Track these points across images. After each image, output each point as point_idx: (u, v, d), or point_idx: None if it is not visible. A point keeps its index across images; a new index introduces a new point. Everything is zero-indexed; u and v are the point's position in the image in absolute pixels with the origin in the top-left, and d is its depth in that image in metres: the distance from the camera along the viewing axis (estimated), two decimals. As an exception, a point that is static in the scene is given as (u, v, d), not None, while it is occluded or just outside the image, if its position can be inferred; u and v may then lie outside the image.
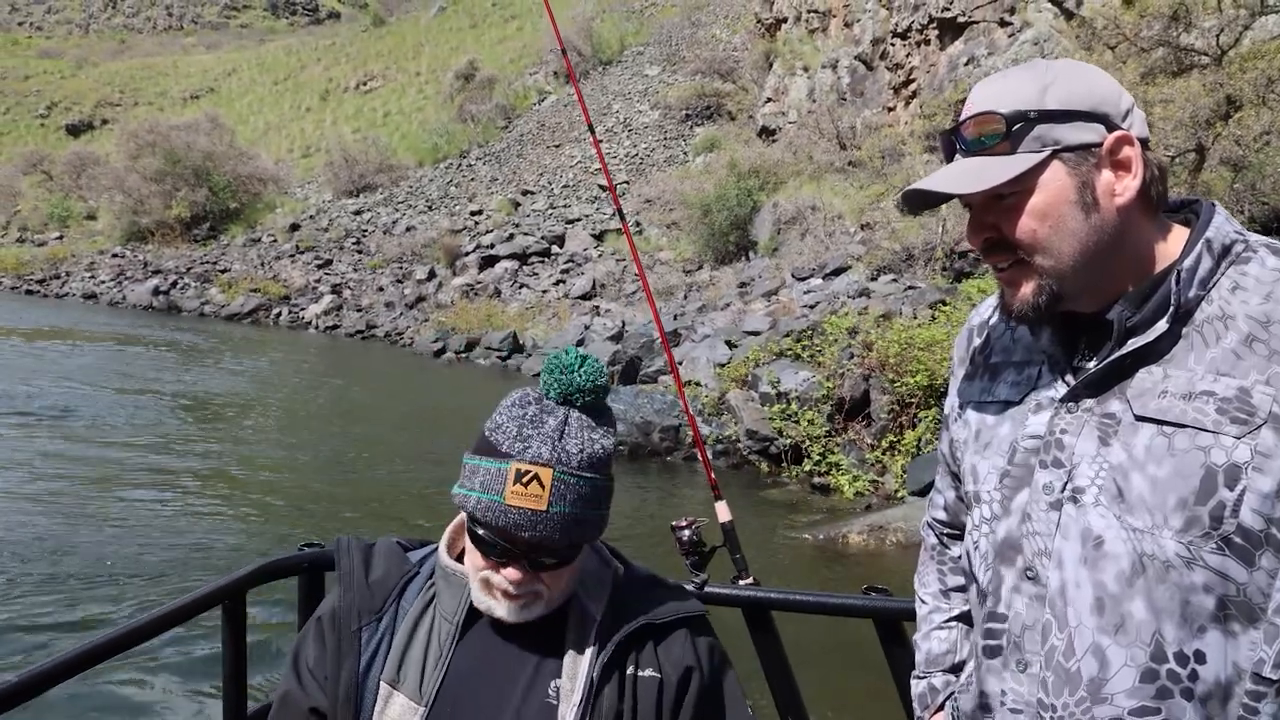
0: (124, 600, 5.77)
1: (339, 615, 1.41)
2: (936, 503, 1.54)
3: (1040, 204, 1.14)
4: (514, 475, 1.31)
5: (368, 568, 1.46)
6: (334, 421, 12.16)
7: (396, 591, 1.43)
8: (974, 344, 1.38)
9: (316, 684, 1.40)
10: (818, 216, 18.20)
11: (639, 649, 1.39)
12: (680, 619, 1.43)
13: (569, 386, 1.37)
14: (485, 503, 1.32)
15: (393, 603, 1.42)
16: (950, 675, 1.47)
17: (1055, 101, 1.13)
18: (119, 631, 1.66)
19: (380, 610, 1.41)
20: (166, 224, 31.95)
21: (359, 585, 1.43)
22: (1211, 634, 1.08)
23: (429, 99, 44.76)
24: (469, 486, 1.36)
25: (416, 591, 1.44)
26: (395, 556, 1.49)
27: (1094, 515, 1.13)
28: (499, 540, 1.33)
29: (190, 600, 1.81)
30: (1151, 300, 1.15)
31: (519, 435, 1.34)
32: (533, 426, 1.35)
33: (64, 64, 64.11)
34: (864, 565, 6.78)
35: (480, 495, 1.33)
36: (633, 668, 1.38)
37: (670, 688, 1.38)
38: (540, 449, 1.33)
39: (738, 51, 32.65)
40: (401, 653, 1.39)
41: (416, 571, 1.47)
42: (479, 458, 1.36)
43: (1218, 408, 1.08)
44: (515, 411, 1.37)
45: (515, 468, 1.31)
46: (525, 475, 1.31)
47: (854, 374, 9.41)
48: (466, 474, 1.37)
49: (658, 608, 1.42)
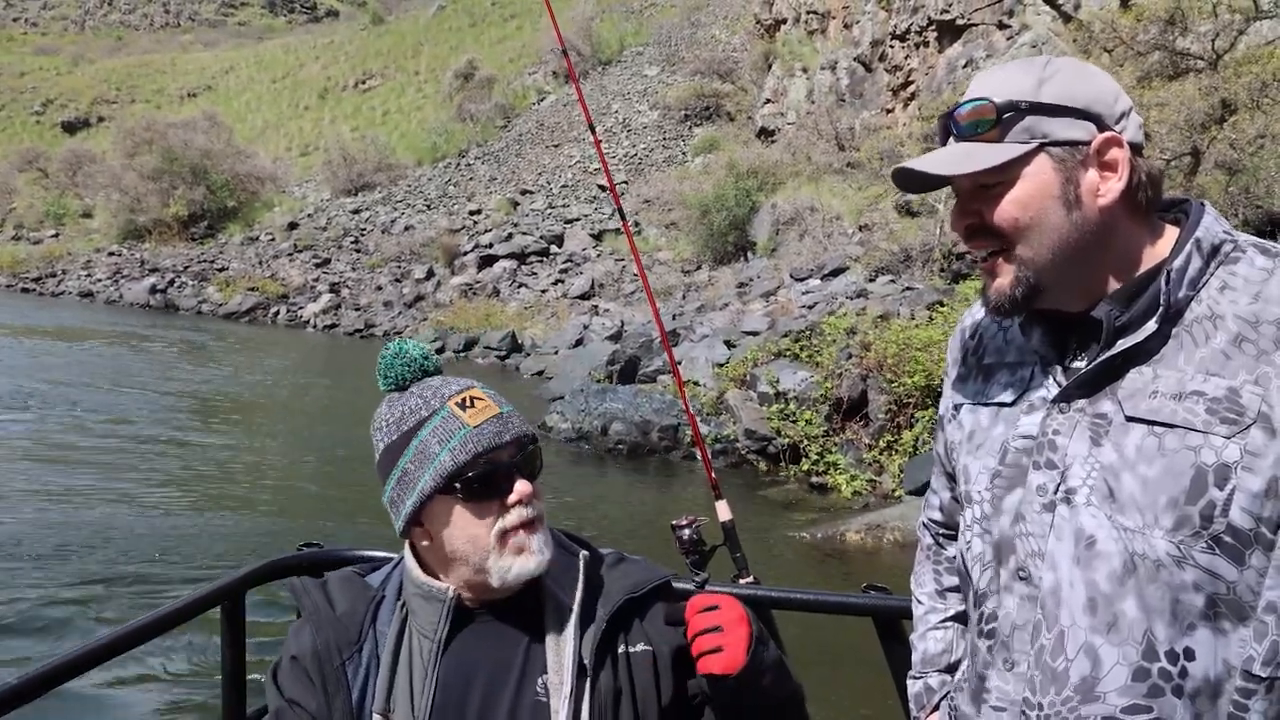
0: (121, 602, 5.76)
1: (319, 654, 1.36)
2: (932, 503, 1.55)
3: (1022, 194, 1.15)
4: (457, 406, 1.33)
5: (331, 602, 1.42)
6: (332, 421, 12.15)
7: (369, 618, 1.40)
8: (967, 345, 1.39)
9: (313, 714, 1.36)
10: (816, 217, 18.22)
11: (625, 626, 1.39)
12: (656, 588, 1.44)
13: (414, 363, 1.40)
14: (457, 444, 1.31)
15: (368, 630, 1.39)
16: (946, 675, 1.47)
17: (1049, 96, 1.14)
18: (119, 633, 1.66)
19: (358, 640, 1.38)
20: (164, 222, 31.90)
21: (328, 620, 1.39)
22: (1201, 632, 1.09)
23: (428, 98, 44.72)
24: (428, 464, 1.32)
25: (389, 614, 1.40)
26: (355, 585, 1.45)
27: (1086, 515, 1.14)
28: (492, 464, 1.32)
29: (189, 601, 1.81)
30: (1140, 300, 1.15)
31: (423, 400, 1.36)
32: (424, 391, 1.38)
33: (60, 61, 63.96)
34: (861, 564, 6.80)
35: (448, 446, 1.31)
36: (623, 646, 1.38)
37: (664, 658, 1.38)
38: (449, 386, 1.37)
39: (737, 52, 32.64)
40: (389, 680, 1.35)
41: (382, 595, 1.43)
42: (410, 445, 1.34)
43: (1207, 408, 1.08)
44: (397, 403, 1.38)
45: (451, 403, 1.34)
46: (464, 400, 1.34)
47: (852, 374, 9.43)
48: (413, 470, 1.33)
49: (632, 581, 1.42)
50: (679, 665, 1.39)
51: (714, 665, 1.32)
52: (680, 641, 1.40)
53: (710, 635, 1.34)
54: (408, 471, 1.34)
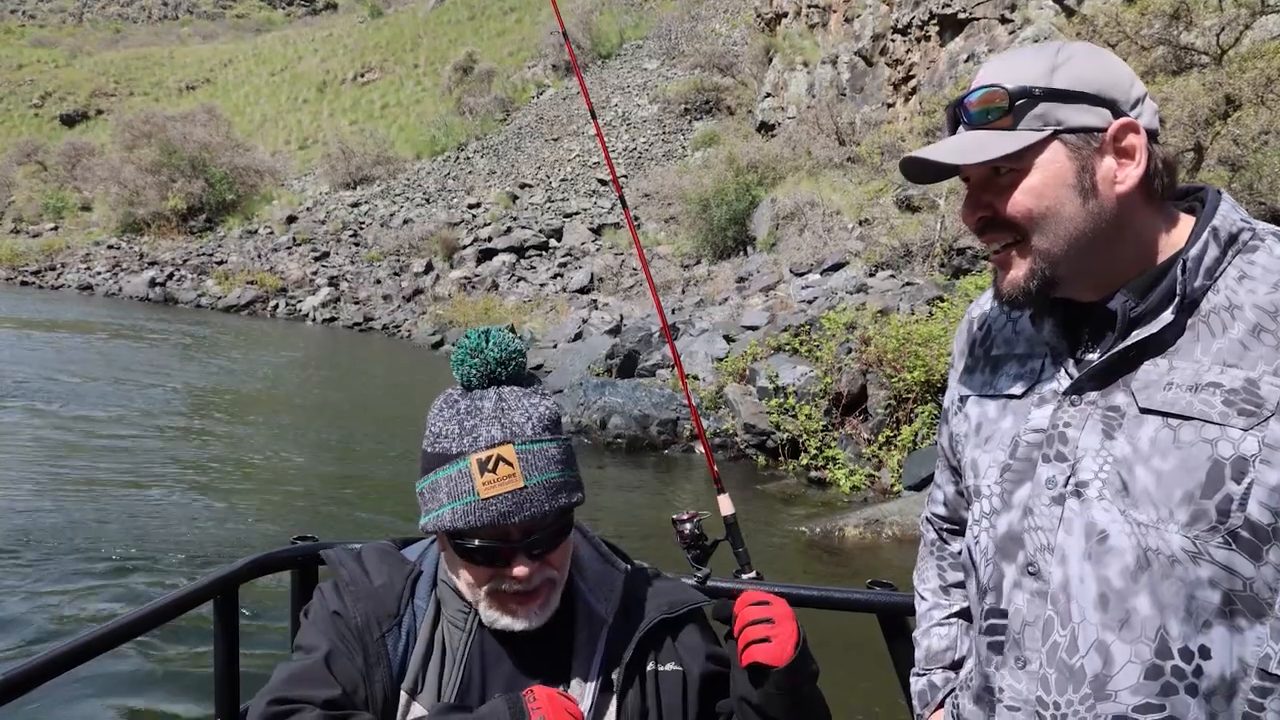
0: (114, 595, 5.73)
1: (359, 625, 1.33)
2: (936, 497, 1.52)
3: (1036, 184, 1.12)
4: (477, 467, 1.23)
5: (368, 574, 1.39)
6: (330, 414, 12.14)
7: (408, 593, 1.37)
8: (974, 336, 1.36)
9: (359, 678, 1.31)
10: (816, 212, 18.18)
11: (657, 645, 1.38)
12: (691, 610, 1.42)
13: (485, 365, 1.31)
14: (461, 509, 1.24)
15: (407, 604, 1.36)
16: (950, 672, 1.45)
17: (1063, 81, 1.11)
18: (111, 626, 1.64)
19: (398, 613, 1.35)
20: (163, 216, 31.86)
21: (366, 592, 1.36)
22: (1217, 629, 1.06)
23: (427, 91, 44.65)
24: (436, 505, 1.27)
25: (427, 590, 1.38)
26: (392, 558, 1.42)
27: (1098, 510, 1.11)
28: (492, 542, 1.26)
29: (182, 594, 1.79)
30: (1156, 290, 1.13)
31: (462, 430, 1.26)
32: (471, 417, 1.27)
33: (58, 53, 63.82)
34: (860, 558, 6.79)
35: (453, 505, 1.25)
36: (653, 664, 1.36)
37: (694, 680, 1.37)
38: (490, 431, 1.26)
39: (737, 46, 32.59)
40: (423, 659, 1.34)
41: (420, 570, 1.40)
42: (432, 474, 1.28)
43: (1224, 399, 1.06)
44: (447, 413, 1.30)
45: (475, 459, 1.24)
46: (488, 461, 1.23)
47: (852, 369, 9.41)
48: (427, 498, 1.29)
49: (668, 601, 1.41)
50: (708, 688, 1.38)
51: (762, 654, 1.31)
52: (711, 666, 1.39)
53: (759, 626, 1.33)
54: (424, 495, 1.31)
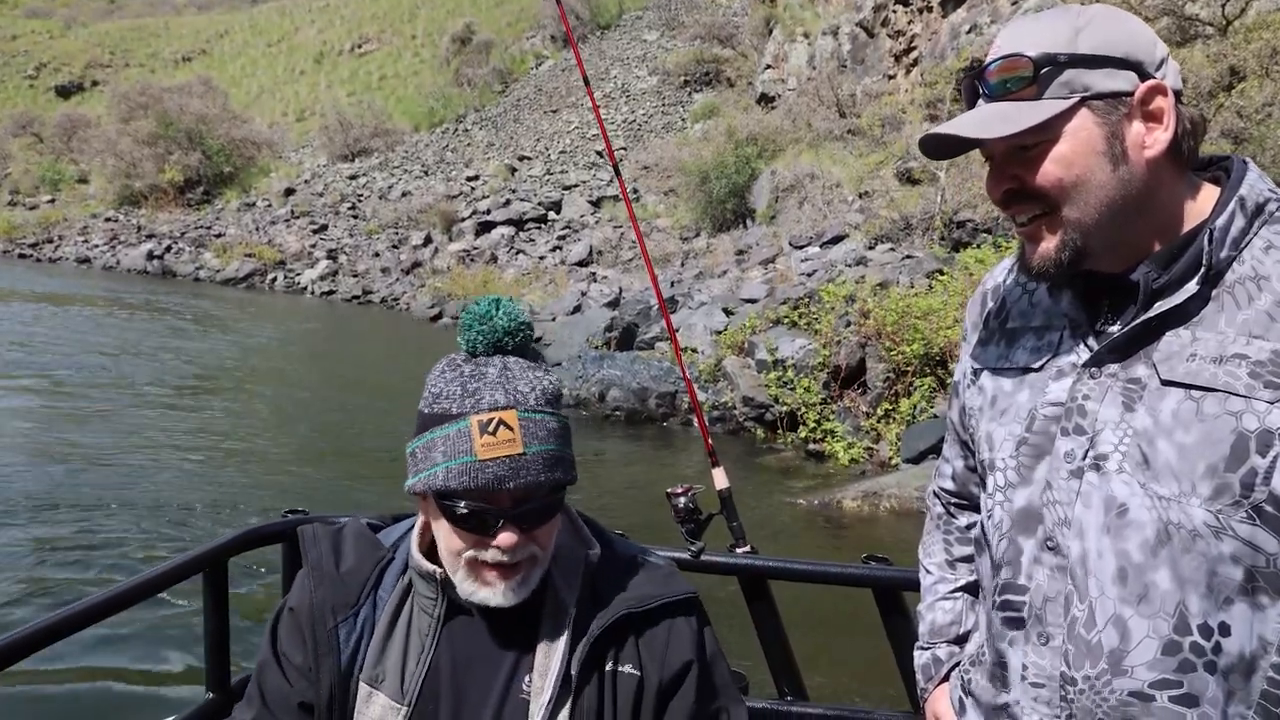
0: (104, 566, 5.72)
1: (314, 611, 1.31)
2: (944, 471, 1.50)
3: (1065, 153, 1.09)
4: (477, 428, 1.21)
5: (338, 556, 1.35)
6: (328, 387, 12.12)
7: (372, 582, 1.34)
8: (988, 308, 1.33)
9: (303, 679, 1.32)
10: (816, 185, 18.07)
11: (619, 642, 1.30)
12: (663, 605, 1.32)
13: (493, 333, 1.29)
14: (456, 469, 1.21)
15: (369, 594, 1.33)
16: (954, 646, 1.43)
17: (1087, 46, 1.08)
18: (98, 598, 1.62)
19: (356, 604, 1.32)
20: (160, 188, 31.66)
21: (330, 579, 1.33)
22: (1238, 606, 1.04)
23: (425, 62, 44.24)
24: (429, 465, 1.24)
25: (394, 578, 1.34)
26: (366, 542, 1.38)
27: (1117, 483, 1.09)
28: (482, 504, 1.22)
29: (171, 567, 1.77)
30: (1180, 261, 1.10)
31: (465, 392, 1.24)
32: (475, 380, 1.26)
33: (53, 24, 63.13)
34: (858, 531, 6.79)
35: (448, 464, 1.22)
36: (612, 663, 1.30)
37: (650, 687, 1.29)
38: (494, 395, 1.24)
39: (737, 17, 32.26)
40: (381, 649, 1.30)
41: (391, 557, 1.36)
42: (429, 432, 1.25)
43: (1250, 371, 1.03)
44: (449, 374, 1.28)
45: (475, 420, 1.21)
46: (490, 424, 1.21)
47: (850, 342, 9.38)
48: (420, 457, 1.26)
49: (637, 594, 1.32)
50: (664, 696, 1.31)
51: None
52: (673, 672, 1.31)
53: None
54: (416, 455, 1.27)
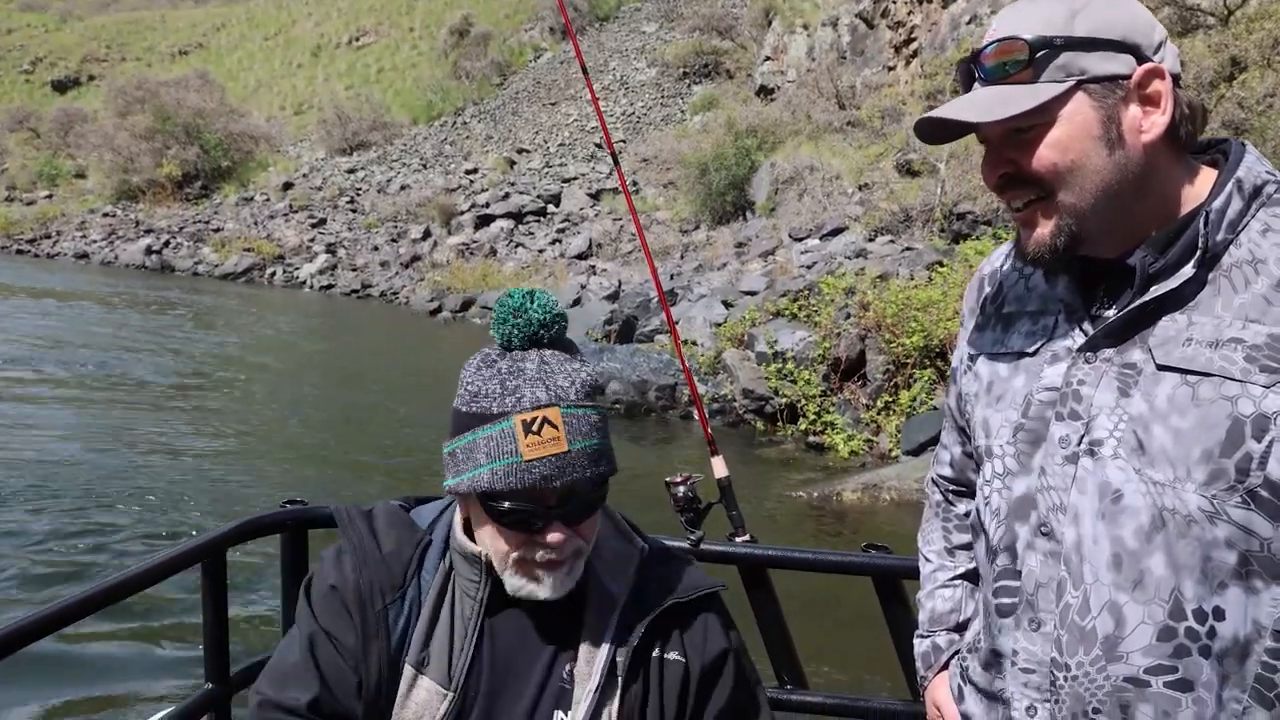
0: (103, 557, 5.73)
1: (362, 593, 1.29)
2: (942, 458, 1.50)
3: (1061, 137, 1.08)
4: (521, 428, 1.20)
5: (377, 539, 1.34)
6: (326, 380, 12.12)
7: (415, 563, 1.33)
8: (985, 293, 1.33)
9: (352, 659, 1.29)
10: (816, 177, 18.04)
11: (665, 631, 1.34)
12: (701, 597, 1.37)
13: (529, 326, 1.27)
14: (503, 470, 1.20)
15: (414, 575, 1.32)
16: (954, 634, 1.44)
17: (1084, 28, 1.07)
18: (96, 588, 1.62)
19: (403, 585, 1.31)
20: (158, 183, 31.58)
21: (374, 560, 1.32)
22: (1232, 590, 1.04)
23: (423, 55, 44.11)
24: (473, 466, 1.23)
25: (436, 560, 1.34)
26: (403, 524, 1.38)
27: (1112, 468, 1.09)
28: (529, 505, 1.22)
29: (169, 557, 1.76)
30: (1176, 244, 1.09)
31: (504, 390, 1.23)
32: (514, 377, 1.24)
33: (48, 18, 62.90)
34: (858, 523, 6.80)
35: (493, 465, 1.21)
36: (658, 651, 1.33)
37: (695, 673, 1.34)
38: (535, 393, 1.22)
39: (736, 8, 32.16)
40: (426, 633, 1.30)
41: (430, 539, 1.36)
42: (469, 433, 1.24)
43: (1246, 355, 1.03)
44: (486, 372, 1.26)
45: (519, 420, 1.20)
46: (534, 422, 1.20)
47: (850, 334, 9.38)
48: (461, 458, 1.25)
49: (678, 586, 1.36)
50: (705, 683, 1.35)
51: None
52: (713, 662, 1.35)
53: None
54: (456, 455, 1.26)
